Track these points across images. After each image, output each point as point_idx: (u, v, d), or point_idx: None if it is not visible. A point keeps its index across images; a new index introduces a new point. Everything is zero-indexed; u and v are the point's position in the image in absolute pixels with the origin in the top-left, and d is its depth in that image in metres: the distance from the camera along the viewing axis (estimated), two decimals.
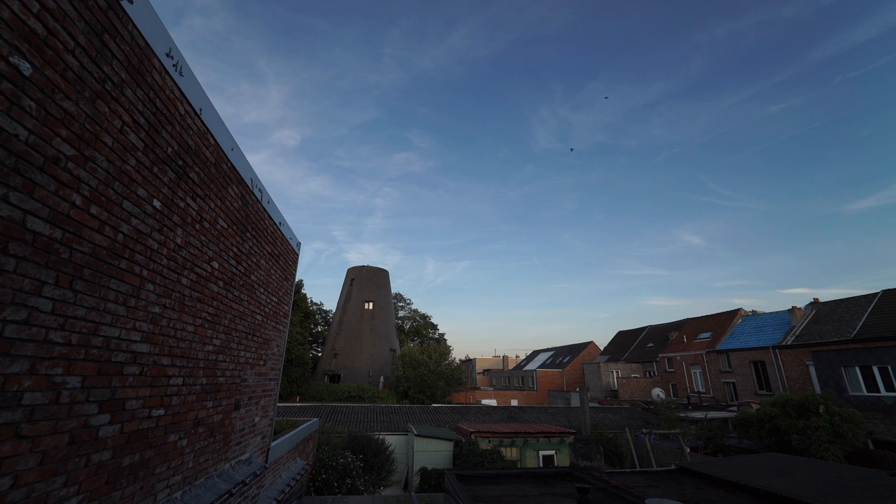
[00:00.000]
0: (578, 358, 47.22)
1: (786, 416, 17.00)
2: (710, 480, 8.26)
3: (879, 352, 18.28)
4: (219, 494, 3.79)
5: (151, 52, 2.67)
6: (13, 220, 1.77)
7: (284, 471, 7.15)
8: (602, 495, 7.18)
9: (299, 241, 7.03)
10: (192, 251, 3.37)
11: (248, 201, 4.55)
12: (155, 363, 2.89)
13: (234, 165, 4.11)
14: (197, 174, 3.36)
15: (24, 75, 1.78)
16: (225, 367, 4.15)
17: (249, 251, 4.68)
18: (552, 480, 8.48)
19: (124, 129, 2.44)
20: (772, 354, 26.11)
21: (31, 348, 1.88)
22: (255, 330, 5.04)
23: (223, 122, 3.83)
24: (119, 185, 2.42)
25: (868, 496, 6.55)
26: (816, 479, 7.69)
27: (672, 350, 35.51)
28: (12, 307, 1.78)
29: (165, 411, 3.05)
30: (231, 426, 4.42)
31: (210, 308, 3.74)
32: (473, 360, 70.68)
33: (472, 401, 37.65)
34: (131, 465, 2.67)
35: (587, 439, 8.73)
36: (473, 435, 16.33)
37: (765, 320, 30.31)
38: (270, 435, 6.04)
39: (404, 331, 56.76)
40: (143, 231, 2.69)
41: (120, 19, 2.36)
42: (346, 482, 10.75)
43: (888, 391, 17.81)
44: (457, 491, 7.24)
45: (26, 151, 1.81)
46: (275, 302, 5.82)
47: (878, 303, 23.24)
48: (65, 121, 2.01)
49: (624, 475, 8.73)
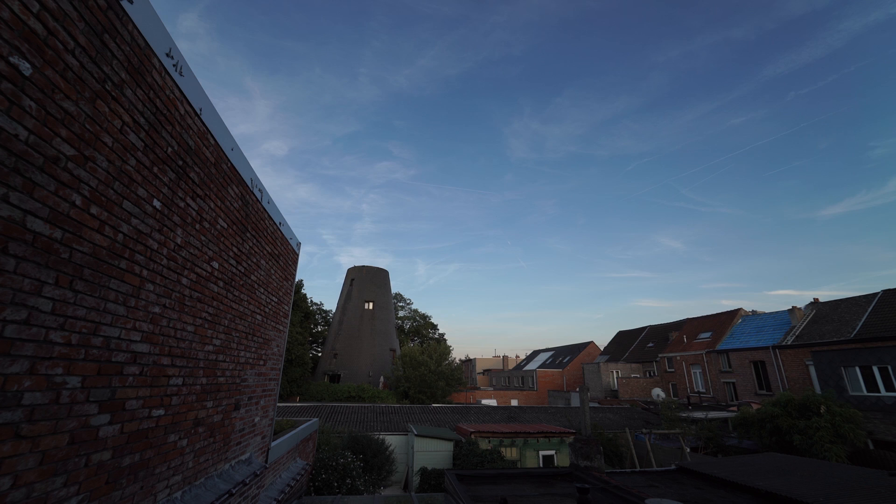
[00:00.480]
0: (578, 358, 47.21)
1: (787, 416, 17.00)
2: (710, 480, 8.26)
3: (879, 352, 18.28)
4: (219, 494, 3.79)
5: (151, 52, 2.67)
6: (13, 220, 1.77)
7: (284, 471, 7.15)
8: (602, 495, 7.18)
9: (299, 241, 7.03)
10: (192, 251, 3.37)
11: (248, 201, 4.55)
12: (155, 363, 2.89)
13: (234, 165, 4.11)
14: (197, 174, 3.36)
15: (24, 75, 1.78)
16: (225, 367, 4.15)
17: (249, 251, 4.68)
18: (552, 480, 8.48)
19: (124, 129, 2.44)
20: (772, 354, 26.11)
21: (31, 348, 1.88)
22: (255, 330, 5.04)
23: (223, 122, 3.83)
24: (119, 185, 2.42)
25: (868, 496, 6.55)
26: (816, 479, 7.69)
27: (672, 350, 35.50)
28: (12, 307, 1.78)
29: (165, 411, 3.05)
30: (231, 426, 4.42)
31: (210, 308, 3.74)
32: (473, 360, 70.68)
33: (472, 401, 37.64)
34: (131, 465, 2.67)
35: (587, 439, 8.73)
36: (473, 435, 16.33)
37: (765, 320, 30.30)
38: (270, 435, 6.04)
39: (404, 331, 56.76)
40: (143, 231, 2.69)
41: (120, 19, 2.36)
42: (346, 482, 10.74)
43: (888, 391, 17.81)
44: (457, 491, 7.24)
45: (26, 151, 1.81)
46: (275, 302, 5.82)
47: (878, 303, 23.24)
48: (65, 121, 2.01)
49: (624, 475, 8.73)
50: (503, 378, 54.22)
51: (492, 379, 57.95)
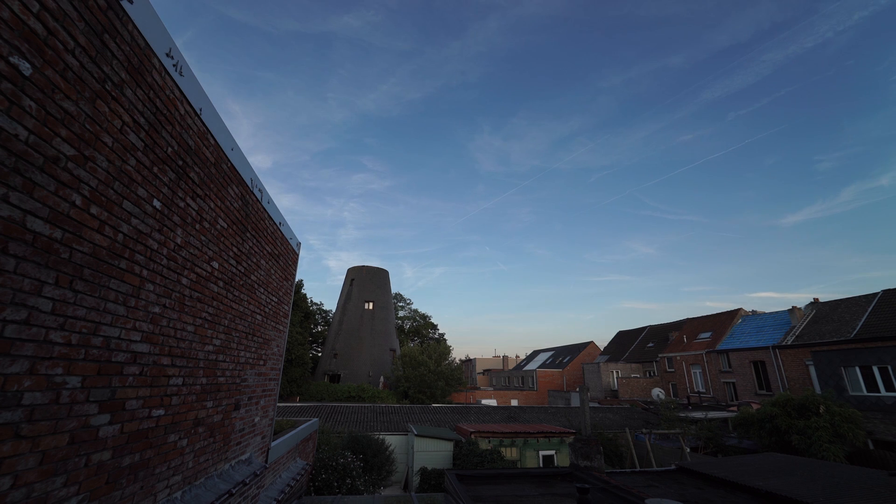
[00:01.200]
0: (578, 358, 47.22)
1: (786, 416, 17.00)
2: (709, 480, 8.26)
3: (879, 352, 18.29)
4: (219, 494, 3.79)
5: (151, 52, 2.67)
6: (13, 220, 1.77)
7: (284, 471, 7.15)
8: (602, 495, 7.18)
9: (299, 241, 7.03)
10: (192, 251, 3.37)
11: (248, 201, 4.55)
12: (155, 363, 2.89)
13: (234, 165, 4.11)
14: (197, 174, 3.36)
15: (24, 75, 1.78)
16: (225, 367, 4.15)
17: (249, 251, 4.68)
18: (552, 480, 8.48)
19: (124, 129, 2.44)
20: (772, 354, 26.12)
21: (31, 348, 1.88)
22: (255, 330, 5.04)
23: (223, 122, 3.83)
24: (119, 185, 2.42)
25: (868, 496, 6.55)
26: (816, 479, 7.70)
27: (672, 350, 35.51)
28: (12, 307, 1.78)
29: (165, 411, 3.05)
30: (231, 426, 4.42)
31: (210, 308, 3.74)
32: (473, 360, 70.70)
33: (472, 401, 37.63)
34: (131, 465, 2.67)
35: (587, 439, 8.73)
36: (473, 435, 16.33)
37: (765, 320, 30.31)
38: (270, 435, 6.04)
39: (404, 331, 56.74)
40: (143, 231, 2.69)
41: (120, 19, 2.36)
42: (346, 482, 10.74)
43: (888, 391, 17.82)
44: (457, 491, 7.24)
45: (26, 151, 1.81)
46: (275, 302, 5.82)
47: (877, 303, 23.25)
48: (65, 121, 2.01)
49: (624, 475, 8.73)
50: (503, 378, 54.21)
51: (492, 379, 57.95)
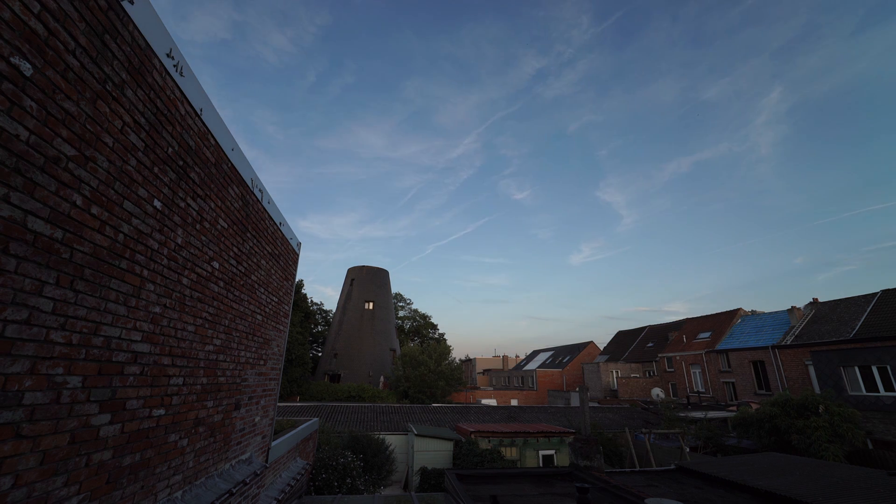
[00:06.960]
0: (578, 358, 47.23)
1: (786, 416, 17.01)
2: (709, 480, 8.27)
3: (878, 352, 18.30)
4: (219, 494, 3.79)
5: (152, 53, 2.67)
6: (14, 220, 1.77)
7: (285, 470, 7.15)
8: (602, 495, 7.19)
9: (300, 241, 7.04)
10: (193, 251, 3.37)
11: (249, 201, 4.56)
12: (155, 363, 2.89)
13: (235, 166, 4.11)
14: (197, 174, 3.36)
15: (25, 76, 1.79)
16: (225, 366, 4.15)
17: (250, 251, 4.68)
18: (552, 480, 8.48)
19: (125, 130, 2.44)
20: (771, 354, 26.13)
21: (31, 348, 1.88)
22: (256, 330, 5.04)
23: (223, 122, 3.83)
24: (120, 186, 2.42)
25: (867, 496, 6.56)
26: (816, 479, 7.70)
27: (672, 350, 35.53)
28: (13, 307, 1.78)
29: (166, 411, 3.05)
30: (231, 426, 4.42)
31: (210, 308, 3.74)
32: (473, 360, 70.70)
33: (472, 401, 37.65)
34: (132, 465, 2.67)
35: (587, 439, 8.74)
36: (473, 435, 16.34)
37: (764, 320, 30.33)
38: (271, 435, 6.04)
39: (404, 331, 56.74)
40: (144, 231, 2.69)
41: (120, 20, 2.36)
42: (346, 482, 10.75)
43: (887, 391, 17.84)
44: (457, 490, 7.24)
45: (27, 152, 1.82)
46: (275, 302, 5.82)
47: (877, 303, 23.26)
48: (66, 121, 2.02)
49: (624, 475, 8.74)
50: (503, 378, 54.22)
51: (492, 379, 57.96)
